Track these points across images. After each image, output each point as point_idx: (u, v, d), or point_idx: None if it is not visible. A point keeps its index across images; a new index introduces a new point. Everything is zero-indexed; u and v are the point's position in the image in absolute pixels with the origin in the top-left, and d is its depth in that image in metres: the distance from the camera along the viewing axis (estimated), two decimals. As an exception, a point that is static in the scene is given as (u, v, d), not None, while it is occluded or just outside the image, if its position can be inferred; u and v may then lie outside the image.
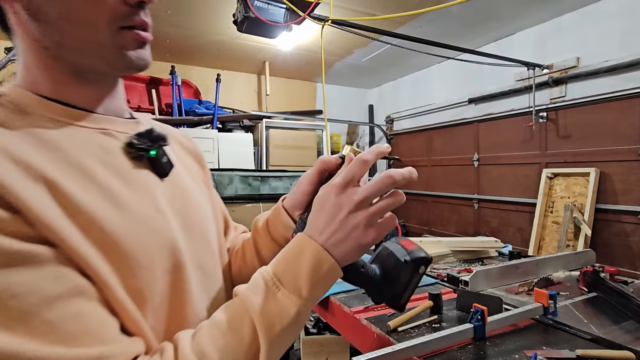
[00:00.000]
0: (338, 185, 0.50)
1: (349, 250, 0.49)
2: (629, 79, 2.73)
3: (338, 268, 0.49)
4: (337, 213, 0.49)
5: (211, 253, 0.59)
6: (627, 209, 2.71)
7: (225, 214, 0.79)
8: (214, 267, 0.59)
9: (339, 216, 0.49)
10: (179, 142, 0.69)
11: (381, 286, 0.53)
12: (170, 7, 3.16)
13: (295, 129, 4.89)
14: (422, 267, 0.52)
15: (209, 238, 0.59)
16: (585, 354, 0.94)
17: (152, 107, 4.17)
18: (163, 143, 0.55)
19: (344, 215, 0.49)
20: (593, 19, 3.00)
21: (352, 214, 0.49)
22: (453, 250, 2.03)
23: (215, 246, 0.61)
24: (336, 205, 0.49)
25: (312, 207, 0.52)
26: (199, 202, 0.60)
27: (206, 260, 0.57)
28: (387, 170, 0.50)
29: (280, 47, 4.13)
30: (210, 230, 0.60)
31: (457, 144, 4.28)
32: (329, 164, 0.59)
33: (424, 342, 0.93)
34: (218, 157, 4.13)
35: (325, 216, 0.50)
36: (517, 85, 3.54)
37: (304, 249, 0.49)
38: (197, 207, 0.58)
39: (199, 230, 0.57)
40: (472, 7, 3.03)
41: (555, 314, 1.15)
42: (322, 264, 0.48)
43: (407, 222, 5.09)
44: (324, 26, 2.24)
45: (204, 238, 0.57)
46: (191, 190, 0.59)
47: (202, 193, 0.64)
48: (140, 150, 0.51)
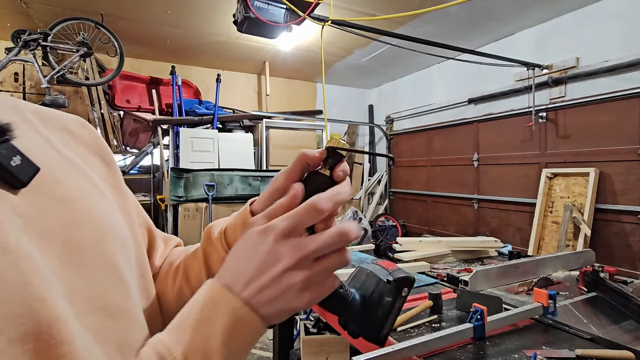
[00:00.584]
0: (280, 232, 0.39)
1: (277, 313, 0.39)
2: (628, 79, 2.73)
3: (263, 329, 0.39)
4: (271, 265, 0.39)
5: (119, 283, 0.42)
6: (626, 209, 2.72)
7: (149, 224, 0.59)
8: (126, 300, 0.42)
9: (274, 270, 0.39)
10: (69, 131, 0.48)
11: (360, 313, 0.45)
12: (170, 8, 3.16)
13: (295, 129, 4.89)
14: (405, 290, 0.45)
15: (115, 262, 0.42)
16: (584, 353, 0.94)
17: (152, 107, 4.17)
18: (2, 137, 0.35)
19: (280, 270, 0.39)
20: (593, 19, 3.00)
21: (290, 272, 0.39)
22: (453, 250, 2.04)
23: (128, 272, 0.44)
24: (272, 255, 0.39)
25: (237, 247, 0.41)
26: (97, 215, 0.42)
27: (111, 296, 0.40)
28: (341, 225, 0.41)
29: (280, 47, 4.13)
30: (118, 251, 0.43)
31: (457, 144, 4.29)
32: (313, 159, 0.46)
33: (423, 341, 0.93)
34: (218, 157, 4.13)
35: (255, 265, 0.39)
36: (517, 86, 3.54)
37: (218, 306, 0.38)
38: (93, 223, 0.41)
39: (96, 255, 0.39)
40: (472, 7, 3.03)
41: (554, 313, 1.15)
42: (242, 326, 0.38)
43: (407, 222, 5.10)
44: (324, 26, 2.24)
45: (105, 265, 0.40)
46: (81, 200, 0.41)
47: (104, 200, 0.45)
48: None
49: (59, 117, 0.49)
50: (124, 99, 4.09)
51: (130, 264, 0.45)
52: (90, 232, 0.40)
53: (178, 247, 0.65)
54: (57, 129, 0.47)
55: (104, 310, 0.38)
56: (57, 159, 0.42)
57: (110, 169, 0.52)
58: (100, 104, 3.89)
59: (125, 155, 4.22)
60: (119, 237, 0.44)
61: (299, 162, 0.46)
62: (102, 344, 0.37)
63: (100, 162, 0.51)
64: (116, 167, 0.53)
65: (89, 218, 0.41)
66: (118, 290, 0.41)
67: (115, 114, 4.16)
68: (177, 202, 3.68)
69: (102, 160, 0.51)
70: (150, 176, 4.22)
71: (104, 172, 0.50)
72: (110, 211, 0.45)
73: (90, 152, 0.50)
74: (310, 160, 0.46)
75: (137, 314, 0.44)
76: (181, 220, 3.65)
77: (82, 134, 0.50)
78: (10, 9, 3.23)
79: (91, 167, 0.48)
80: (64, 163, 0.42)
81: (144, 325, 0.44)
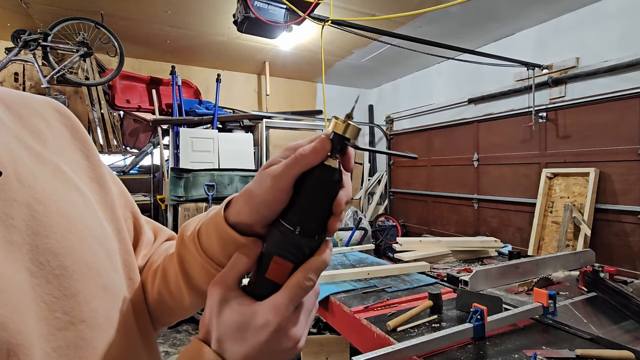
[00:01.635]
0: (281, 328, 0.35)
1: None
2: (628, 79, 2.73)
3: None
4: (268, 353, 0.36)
5: (102, 290, 0.37)
6: (626, 209, 2.72)
7: (136, 215, 0.53)
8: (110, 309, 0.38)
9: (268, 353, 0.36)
10: (42, 118, 0.43)
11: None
12: (170, 8, 3.16)
13: (295, 129, 4.89)
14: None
15: (97, 268, 0.37)
16: (584, 353, 0.94)
17: (152, 107, 4.18)
18: None
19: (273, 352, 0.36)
20: (593, 19, 3.00)
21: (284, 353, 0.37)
22: (453, 250, 2.04)
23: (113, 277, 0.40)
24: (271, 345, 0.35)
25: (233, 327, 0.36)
26: (71, 217, 0.37)
27: (94, 305, 0.36)
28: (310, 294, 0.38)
29: (280, 47, 4.13)
30: (99, 255, 0.38)
31: (457, 144, 4.29)
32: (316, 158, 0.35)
33: (423, 341, 0.93)
34: (218, 157, 4.13)
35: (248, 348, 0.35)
36: (516, 86, 3.54)
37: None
38: (66, 226, 0.36)
39: (72, 261, 0.35)
40: (472, 7, 3.03)
41: (554, 313, 1.15)
42: None
43: (407, 222, 5.10)
44: (324, 26, 2.24)
45: (84, 271, 0.36)
46: (51, 202, 0.36)
47: (80, 199, 0.40)
48: None
49: (31, 102, 0.43)
50: (124, 99, 4.09)
51: (116, 267, 0.41)
52: (63, 237, 0.35)
53: (166, 243, 0.59)
54: (29, 118, 0.41)
55: (85, 322, 0.35)
56: (25, 156, 0.36)
57: (90, 162, 0.46)
58: (100, 104, 3.89)
59: (125, 155, 4.22)
60: (98, 239, 0.39)
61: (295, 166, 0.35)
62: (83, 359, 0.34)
63: (79, 154, 0.45)
64: (96, 158, 0.47)
65: (60, 222, 0.36)
66: (101, 299, 0.37)
67: (115, 114, 4.16)
68: (177, 202, 3.68)
69: (81, 152, 0.45)
70: (150, 176, 4.22)
71: (82, 165, 0.44)
72: (88, 211, 0.40)
73: (68, 144, 0.44)
74: (313, 162, 0.35)
75: (124, 321, 0.40)
76: (181, 221, 3.65)
77: (58, 122, 0.44)
78: (10, 9, 3.23)
79: (66, 161, 0.42)
80: (32, 160, 0.37)
81: (132, 333, 0.41)
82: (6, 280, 0.29)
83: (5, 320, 0.28)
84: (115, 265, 0.41)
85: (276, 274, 0.36)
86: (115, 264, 0.41)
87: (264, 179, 0.36)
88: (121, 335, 0.39)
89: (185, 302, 0.47)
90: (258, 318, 0.35)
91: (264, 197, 0.35)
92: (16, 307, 0.29)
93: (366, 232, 3.58)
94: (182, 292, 0.46)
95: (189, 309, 0.49)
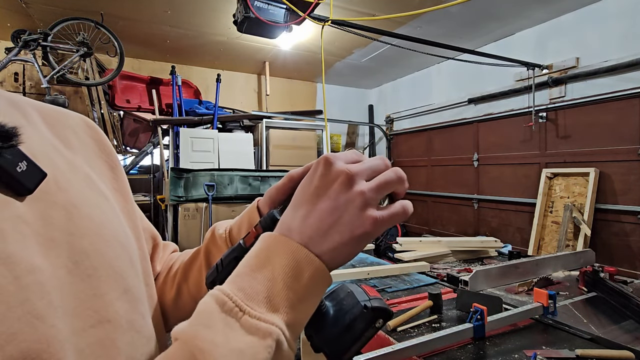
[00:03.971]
0: (323, 158, 0.38)
1: (339, 244, 0.36)
2: (628, 79, 2.73)
3: (327, 272, 0.36)
4: (321, 193, 0.37)
5: (124, 293, 0.40)
6: (626, 209, 2.72)
7: (152, 230, 0.57)
8: (131, 312, 0.40)
9: (325, 196, 0.36)
10: (73, 131, 0.46)
11: (328, 329, 0.42)
12: (170, 8, 3.16)
13: (295, 129, 4.89)
14: (380, 321, 0.42)
15: (120, 272, 0.40)
16: (584, 353, 0.94)
17: (152, 107, 4.18)
18: (3, 143, 0.33)
19: (333, 194, 0.36)
20: (593, 19, 3.00)
21: (344, 192, 0.36)
22: (453, 250, 2.04)
23: (134, 281, 0.42)
24: (322, 184, 0.37)
25: (292, 199, 0.40)
26: (100, 222, 0.40)
27: (117, 307, 0.38)
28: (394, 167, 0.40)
29: (280, 47, 4.13)
30: (122, 259, 0.41)
31: (457, 144, 4.29)
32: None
33: (423, 341, 0.93)
34: (218, 157, 4.13)
35: (304, 200, 0.38)
36: (516, 86, 3.54)
37: (273, 251, 0.36)
38: (96, 231, 0.39)
39: (100, 264, 0.37)
40: (472, 7, 3.03)
41: (554, 313, 1.15)
42: (302, 268, 0.35)
43: (407, 222, 5.10)
44: (324, 26, 2.24)
45: (110, 274, 0.38)
46: (84, 206, 0.39)
47: (108, 207, 0.43)
48: None
49: (64, 116, 0.46)
50: (124, 99, 4.09)
51: (136, 272, 0.43)
52: (93, 240, 0.38)
53: (175, 253, 0.64)
54: (61, 129, 0.44)
55: (111, 322, 0.36)
56: (61, 163, 0.39)
57: (114, 173, 0.49)
58: (100, 104, 3.89)
59: (125, 155, 4.22)
60: (122, 244, 0.42)
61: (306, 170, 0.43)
62: (110, 358, 0.35)
63: (104, 165, 0.48)
64: (121, 170, 0.51)
65: (90, 225, 0.38)
66: (123, 301, 0.39)
67: (115, 114, 4.16)
68: (177, 202, 3.68)
69: (107, 163, 0.49)
70: (150, 176, 4.22)
71: (107, 175, 0.48)
72: (114, 217, 0.43)
73: (95, 155, 0.48)
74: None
75: (142, 325, 0.42)
76: (181, 220, 3.65)
77: (87, 135, 0.48)
78: (10, 9, 3.23)
79: (95, 171, 0.45)
80: (67, 168, 0.40)
81: (150, 337, 0.42)
82: (47, 275, 0.32)
83: (44, 312, 0.30)
84: (136, 270, 0.43)
85: None
86: (136, 269, 0.43)
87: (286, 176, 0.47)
88: (140, 337, 0.40)
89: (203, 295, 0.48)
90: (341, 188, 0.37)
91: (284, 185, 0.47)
92: (52, 302, 0.31)
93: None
94: (201, 286, 0.50)
95: None
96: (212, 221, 3.64)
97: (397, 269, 1.75)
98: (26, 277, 0.30)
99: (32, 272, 0.31)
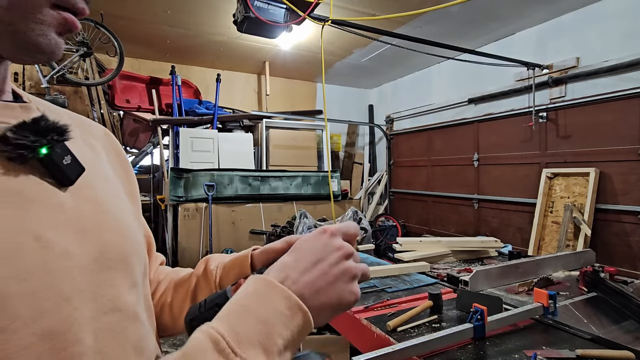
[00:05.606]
0: (329, 230, 0.43)
1: (325, 305, 0.39)
2: (628, 79, 2.73)
3: (312, 326, 0.38)
4: (321, 258, 0.41)
5: (133, 287, 0.42)
6: (626, 209, 2.71)
7: (150, 236, 0.60)
8: (136, 304, 0.42)
9: (325, 262, 0.41)
10: (95, 137, 0.51)
11: None
12: (170, 7, 3.16)
13: (295, 129, 4.89)
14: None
15: (131, 267, 0.43)
16: (585, 353, 0.94)
17: (152, 107, 4.17)
18: (59, 137, 0.38)
19: (333, 260, 0.41)
20: (593, 19, 3.00)
21: (341, 264, 0.41)
22: (453, 250, 2.03)
23: (140, 278, 0.45)
24: (324, 251, 0.42)
25: (292, 250, 0.44)
26: (119, 219, 0.43)
27: (127, 299, 0.40)
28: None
29: (280, 47, 4.13)
30: (133, 256, 0.44)
31: (457, 144, 4.28)
32: None
33: (423, 342, 0.93)
34: (218, 157, 4.13)
35: (304, 258, 0.41)
36: (517, 85, 3.54)
37: (267, 295, 0.37)
38: (119, 227, 0.42)
39: (117, 258, 0.40)
40: (472, 7, 3.03)
41: (555, 313, 1.15)
42: (294, 317, 0.36)
43: (407, 222, 5.10)
44: (324, 26, 2.24)
45: (124, 268, 0.41)
46: (110, 204, 0.43)
47: (124, 207, 0.47)
48: (19, 147, 0.35)
49: (88, 124, 0.52)
50: (124, 99, 4.09)
51: (142, 269, 0.46)
52: (114, 235, 0.41)
53: (162, 266, 0.66)
54: (87, 135, 0.49)
55: (121, 312, 0.39)
56: (89, 162, 0.43)
57: (128, 179, 0.54)
58: (100, 103, 3.89)
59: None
60: (135, 242, 0.45)
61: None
62: (120, 345, 0.37)
63: (120, 171, 0.53)
64: (133, 176, 0.56)
65: (112, 222, 0.42)
66: (132, 294, 0.42)
67: (115, 114, 4.16)
68: (177, 202, 3.68)
69: (122, 169, 0.54)
70: (150, 176, 4.22)
71: (123, 180, 0.52)
72: (128, 216, 0.46)
73: (113, 160, 0.52)
74: None
75: (144, 319, 0.44)
76: (181, 220, 3.65)
77: (106, 142, 0.53)
78: (10, 8, 3.22)
79: (113, 174, 0.50)
80: (91, 168, 0.44)
81: (150, 331, 0.45)
82: (76, 261, 0.35)
83: (69, 295, 0.33)
84: (141, 267, 0.46)
85: None
86: (142, 266, 0.47)
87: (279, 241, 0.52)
88: (144, 329, 0.43)
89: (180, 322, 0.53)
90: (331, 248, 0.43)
91: (277, 247, 0.51)
92: (77, 286, 0.35)
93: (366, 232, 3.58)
94: (183, 313, 0.53)
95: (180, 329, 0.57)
96: (212, 221, 3.64)
97: (397, 269, 1.75)
98: (60, 261, 0.33)
99: (65, 257, 0.34)
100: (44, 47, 0.36)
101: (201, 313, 0.44)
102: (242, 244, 3.80)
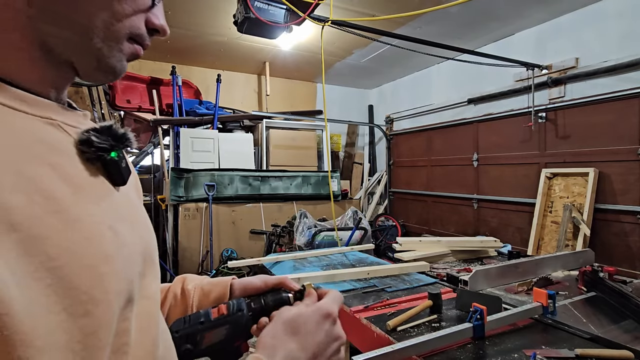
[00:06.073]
0: (332, 315, 0.50)
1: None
2: (628, 79, 2.73)
3: None
4: (324, 348, 0.48)
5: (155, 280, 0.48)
6: (626, 209, 2.72)
7: None
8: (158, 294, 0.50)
9: (326, 353, 0.48)
10: None
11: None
12: (170, 8, 3.16)
13: (295, 129, 4.89)
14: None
15: (156, 263, 0.50)
16: (584, 353, 0.94)
17: (152, 107, 4.18)
18: (127, 143, 0.44)
19: (331, 352, 0.48)
20: (592, 19, 3.00)
21: (336, 355, 0.48)
22: (452, 250, 2.04)
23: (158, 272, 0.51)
24: (326, 338, 0.48)
25: (282, 325, 0.49)
26: (147, 219, 0.50)
27: (154, 289, 0.47)
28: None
29: (280, 48, 4.14)
30: (156, 255, 0.51)
31: (457, 144, 4.29)
32: (289, 286, 0.59)
33: (423, 341, 0.93)
34: (218, 157, 4.14)
35: (308, 346, 0.47)
36: (516, 86, 3.55)
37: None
38: (147, 226, 0.49)
39: (149, 252, 0.47)
40: (472, 8, 3.03)
41: (554, 313, 1.16)
42: None
43: (407, 222, 5.10)
44: (324, 27, 2.24)
45: (152, 263, 0.48)
46: (138, 204, 0.50)
47: (142, 209, 0.53)
48: (100, 150, 0.40)
49: None
50: (125, 99, 4.09)
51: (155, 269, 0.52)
52: (145, 231, 0.47)
53: None
54: None
55: (150, 299, 0.45)
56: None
57: (134, 179, 0.58)
58: (101, 104, 3.89)
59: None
60: (155, 241, 0.51)
61: (278, 281, 0.60)
62: (154, 326, 0.44)
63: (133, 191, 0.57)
64: (137, 177, 0.60)
65: (142, 219, 0.48)
66: (156, 285, 0.48)
67: (115, 114, 4.17)
68: (177, 202, 3.68)
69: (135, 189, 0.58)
70: (151, 176, 4.22)
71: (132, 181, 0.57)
72: (146, 217, 0.52)
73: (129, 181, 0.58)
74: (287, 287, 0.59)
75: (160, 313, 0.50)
76: (181, 220, 3.65)
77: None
78: (11, 9, 3.23)
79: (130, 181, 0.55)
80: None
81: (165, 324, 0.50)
82: (134, 248, 0.42)
83: (132, 279, 0.39)
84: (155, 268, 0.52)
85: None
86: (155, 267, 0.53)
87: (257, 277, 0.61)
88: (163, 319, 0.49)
89: None
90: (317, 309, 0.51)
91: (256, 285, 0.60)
92: (137, 270, 0.42)
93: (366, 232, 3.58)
94: None
95: None
96: (212, 221, 3.65)
97: (397, 269, 1.76)
98: (127, 248, 0.40)
99: (130, 245, 0.41)
100: (117, 70, 0.43)
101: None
102: (242, 243, 3.81)
